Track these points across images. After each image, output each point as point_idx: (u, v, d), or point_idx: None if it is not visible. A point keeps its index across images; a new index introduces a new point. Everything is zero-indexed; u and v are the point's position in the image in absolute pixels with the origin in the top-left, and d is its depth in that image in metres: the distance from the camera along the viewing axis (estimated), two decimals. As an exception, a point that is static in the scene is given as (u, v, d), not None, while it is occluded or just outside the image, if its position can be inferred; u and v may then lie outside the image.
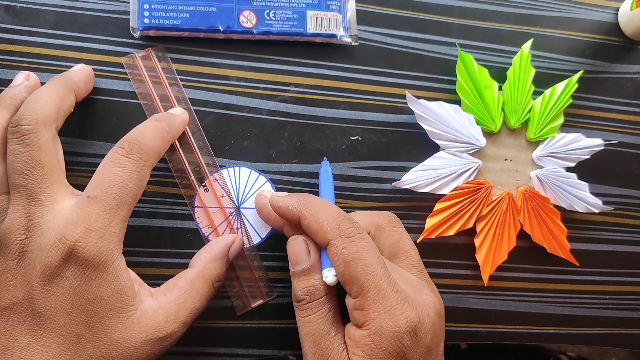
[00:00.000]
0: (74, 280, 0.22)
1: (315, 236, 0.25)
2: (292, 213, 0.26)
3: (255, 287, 0.31)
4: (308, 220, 0.25)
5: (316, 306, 0.25)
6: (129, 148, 0.24)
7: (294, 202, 0.26)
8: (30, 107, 0.24)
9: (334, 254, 0.24)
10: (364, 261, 0.24)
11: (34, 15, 0.30)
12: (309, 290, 0.25)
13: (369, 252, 0.24)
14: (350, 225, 0.25)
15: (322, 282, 0.25)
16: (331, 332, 0.25)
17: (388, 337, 0.23)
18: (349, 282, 0.24)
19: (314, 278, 0.26)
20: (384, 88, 0.34)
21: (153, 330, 0.24)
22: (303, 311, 0.26)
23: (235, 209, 0.31)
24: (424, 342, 0.24)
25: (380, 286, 0.23)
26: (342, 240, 0.24)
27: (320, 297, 0.25)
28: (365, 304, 0.23)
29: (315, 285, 0.25)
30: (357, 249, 0.24)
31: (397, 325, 0.23)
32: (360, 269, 0.24)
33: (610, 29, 0.38)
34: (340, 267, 0.24)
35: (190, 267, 0.28)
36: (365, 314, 0.23)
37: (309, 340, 0.25)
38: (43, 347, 0.22)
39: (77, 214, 0.23)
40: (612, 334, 0.37)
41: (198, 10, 0.31)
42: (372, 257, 0.24)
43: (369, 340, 0.23)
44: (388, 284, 0.24)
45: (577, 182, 0.35)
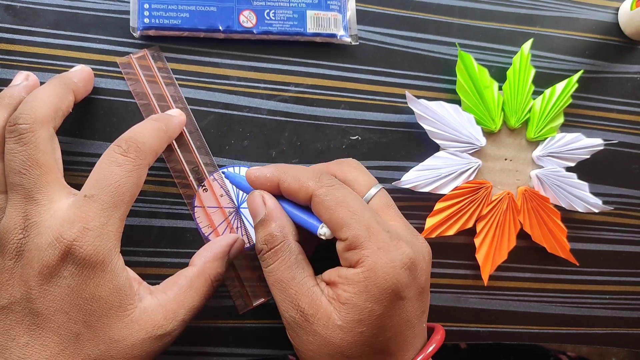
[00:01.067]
0: (71, 279, 0.22)
1: (298, 194, 0.25)
2: (270, 180, 0.26)
3: (257, 285, 0.31)
4: (288, 182, 0.25)
5: (274, 254, 0.25)
6: (125, 147, 0.24)
7: (271, 170, 0.26)
8: (28, 107, 0.24)
9: (318, 203, 0.24)
10: (348, 204, 0.24)
11: (34, 15, 0.30)
12: (266, 239, 0.25)
13: (352, 198, 0.24)
14: (329, 177, 0.25)
15: (279, 230, 0.25)
16: (296, 277, 0.24)
17: (383, 272, 0.23)
18: (338, 225, 0.24)
19: (270, 227, 0.25)
20: (384, 88, 0.34)
21: (152, 328, 0.24)
22: (264, 261, 0.26)
23: (234, 208, 0.31)
24: (418, 281, 0.24)
25: (370, 225, 0.24)
26: (324, 190, 0.25)
27: (277, 243, 0.25)
28: (357, 242, 0.23)
29: (271, 233, 0.25)
30: (340, 194, 0.24)
31: (392, 260, 0.23)
32: (346, 211, 0.24)
33: (610, 29, 0.38)
34: (327, 214, 0.24)
35: (190, 266, 0.28)
36: (358, 252, 0.23)
37: (275, 289, 0.25)
38: (41, 347, 0.22)
39: (74, 213, 0.23)
40: (612, 334, 0.37)
41: (198, 10, 0.31)
42: (357, 202, 0.24)
43: (363, 277, 0.23)
44: (377, 223, 0.24)
45: (577, 182, 0.35)
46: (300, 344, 0.25)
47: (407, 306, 0.24)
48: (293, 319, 0.24)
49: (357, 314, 0.23)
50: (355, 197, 0.25)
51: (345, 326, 0.23)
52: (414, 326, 0.25)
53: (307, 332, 0.24)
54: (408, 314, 0.24)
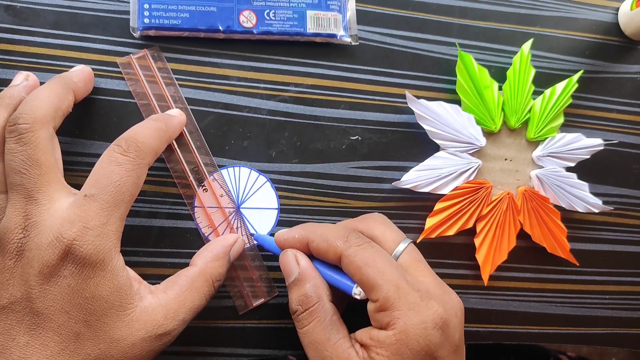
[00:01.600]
0: (71, 279, 0.22)
1: (327, 254, 0.26)
2: (299, 241, 0.27)
3: (257, 286, 0.31)
4: (317, 242, 0.26)
5: (310, 315, 0.25)
6: (125, 146, 0.24)
7: (299, 231, 0.27)
8: (28, 106, 0.24)
9: (347, 264, 0.24)
10: (377, 264, 0.24)
11: (34, 15, 0.30)
12: (301, 300, 0.25)
13: (380, 257, 0.24)
14: (357, 236, 0.25)
15: (314, 291, 0.25)
16: (331, 339, 0.24)
17: (415, 334, 0.23)
18: (367, 286, 0.24)
19: (305, 287, 0.26)
20: (384, 88, 0.34)
21: (152, 328, 0.24)
22: (299, 322, 0.26)
23: (235, 208, 0.31)
24: (452, 340, 0.24)
25: (400, 285, 0.23)
26: (353, 250, 0.25)
27: (312, 304, 0.25)
28: (388, 304, 0.23)
29: (306, 294, 0.25)
30: (368, 254, 0.24)
31: (423, 321, 0.23)
32: (375, 272, 0.24)
33: (610, 29, 0.38)
34: (357, 275, 0.24)
35: (191, 266, 0.28)
36: (389, 314, 0.23)
37: (310, 350, 0.25)
38: (42, 346, 0.22)
39: (74, 213, 0.23)
40: (612, 334, 0.37)
41: (198, 10, 0.31)
42: (385, 261, 0.24)
43: (395, 339, 0.23)
44: (406, 283, 0.24)
45: (577, 182, 0.35)
46: None
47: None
48: None
49: None
50: (384, 256, 0.25)
51: None
52: None
53: None
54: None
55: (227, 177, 0.31)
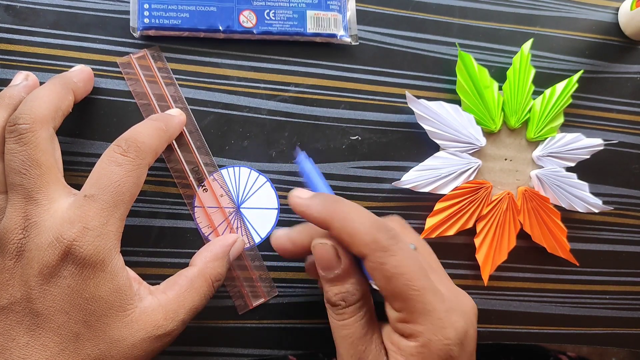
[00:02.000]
0: (71, 279, 0.22)
1: (350, 248, 0.24)
2: (318, 222, 0.24)
3: (257, 286, 0.31)
4: (338, 232, 0.23)
5: (352, 311, 0.24)
6: (125, 146, 0.24)
7: (319, 208, 0.24)
8: (27, 107, 0.24)
9: (372, 269, 0.23)
10: (405, 275, 0.22)
11: (34, 15, 0.30)
12: (344, 297, 0.24)
13: (410, 265, 0.23)
14: (387, 236, 0.23)
15: (357, 287, 0.24)
16: (368, 334, 0.24)
17: (437, 350, 0.22)
18: (392, 297, 0.23)
19: (348, 283, 0.24)
20: (384, 88, 0.34)
21: (152, 328, 0.24)
22: (339, 315, 0.25)
23: (235, 208, 0.31)
24: (468, 349, 0.24)
25: (426, 299, 0.23)
26: (379, 255, 0.23)
27: (355, 302, 0.24)
28: (411, 318, 0.23)
29: (351, 291, 0.24)
30: (397, 262, 0.22)
31: (447, 338, 0.22)
32: (403, 285, 0.22)
33: (610, 29, 0.38)
34: (381, 283, 0.23)
35: (190, 266, 0.28)
36: (412, 327, 0.23)
37: (345, 343, 0.24)
38: (42, 347, 0.22)
39: (74, 213, 0.23)
40: (612, 334, 0.37)
41: (198, 10, 0.31)
42: (415, 270, 0.23)
43: (416, 351, 0.23)
44: (433, 295, 0.23)
45: (577, 182, 0.35)
46: None
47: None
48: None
49: None
50: (412, 261, 0.23)
51: None
52: None
53: None
54: None
55: (227, 177, 0.31)
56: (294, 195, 0.25)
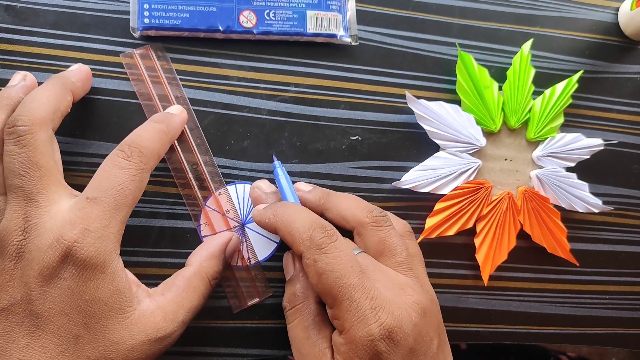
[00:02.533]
0: (71, 281, 0.22)
1: (291, 247, 0.25)
2: (270, 227, 0.26)
3: (252, 285, 0.31)
4: (282, 233, 0.25)
5: (294, 313, 0.26)
6: (129, 151, 0.24)
7: (269, 215, 0.26)
8: (26, 108, 0.24)
9: (306, 266, 0.24)
10: (335, 273, 0.23)
11: (34, 15, 0.30)
12: (290, 298, 0.26)
13: (341, 263, 0.24)
14: (322, 234, 0.24)
15: (302, 291, 0.26)
16: (311, 337, 0.25)
17: (362, 345, 0.23)
18: (323, 293, 0.24)
19: (295, 286, 0.27)
20: (384, 88, 0.34)
21: (152, 331, 0.24)
22: (287, 318, 0.27)
23: (240, 224, 0.31)
24: (404, 344, 0.24)
25: (353, 297, 0.23)
26: (313, 252, 0.24)
27: (298, 303, 0.26)
28: (340, 314, 0.24)
29: (294, 293, 0.26)
30: (329, 260, 0.24)
31: (370, 334, 0.23)
32: (332, 281, 0.23)
33: (610, 29, 0.38)
34: (313, 279, 0.24)
35: (187, 266, 0.28)
36: (341, 323, 0.24)
37: (293, 345, 0.26)
38: (41, 348, 0.22)
39: (75, 215, 0.23)
40: (612, 334, 0.37)
41: (198, 10, 0.31)
42: (345, 268, 0.24)
43: (346, 348, 0.23)
44: (362, 292, 0.23)
45: (577, 182, 0.35)
46: None
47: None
48: None
49: None
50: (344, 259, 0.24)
51: None
52: None
53: None
54: None
55: (234, 193, 0.31)
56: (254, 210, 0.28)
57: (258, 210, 0.28)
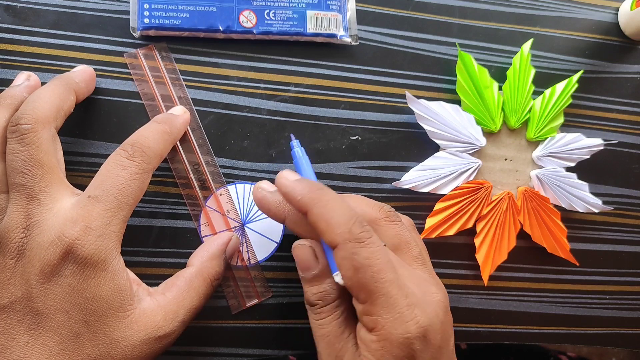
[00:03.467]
0: (72, 278, 0.22)
1: (323, 235, 0.24)
2: (299, 205, 0.25)
3: (251, 286, 0.31)
4: (316, 218, 0.24)
5: (329, 310, 0.25)
6: (131, 151, 0.25)
7: (304, 192, 0.24)
8: (29, 107, 0.24)
9: (342, 258, 0.23)
10: (373, 268, 0.23)
11: (34, 15, 0.30)
12: (322, 296, 0.25)
13: (379, 258, 0.23)
14: (362, 229, 0.24)
15: (334, 286, 0.25)
16: (345, 332, 0.25)
17: (398, 343, 0.23)
18: (357, 288, 0.23)
19: (326, 283, 0.25)
20: (384, 88, 0.34)
21: (152, 330, 0.24)
22: (317, 314, 0.25)
23: (240, 225, 0.31)
24: (434, 343, 0.24)
25: (390, 293, 0.23)
26: (351, 246, 0.23)
27: (332, 301, 0.25)
28: (374, 310, 0.23)
29: (328, 290, 0.25)
30: (367, 254, 0.23)
31: (407, 332, 0.23)
32: (370, 276, 0.23)
33: (610, 29, 0.38)
34: (349, 273, 0.23)
35: (188, 266, 0.28)
36: (375, 320, 0.23)
37: (323, 341, 0.25)
38: (42, 346, 0.22)
39: (77, 213, 0.23)
40: (612, 334, 0.37)
41: (198, 10, 0.31)
42: (383, 263, 0.23)
43: (379, 345, 0.23)
44: (398, 289, 0.23)
45: (577, 182, 0.35)
46: None
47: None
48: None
49: None
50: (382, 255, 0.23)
51: None
52: None
53: None
54: None
55: (234, 193, 0.31)
56: (282, 176, 0.26)
57: (289, 180, 0.25)
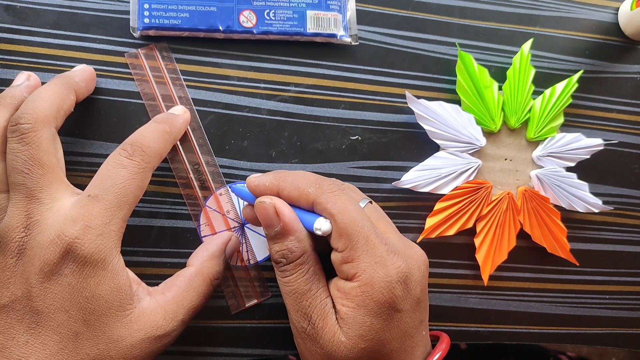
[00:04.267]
0: (72, 277, 0.22)
1: (299, 201, 0.25)
2: (270, 189, 0.26)
3: (250, 286, 0.31)
4: (288, 190, 0.25)
5: (293, 267, 0.25)
6: (131, 150, 0.25)
7: (270, 178, 0.26)
8: (29, 106, 0.24)
9: (321, 210, 0.24)
10: (350, 213, 0.24)
11: (34, 15, 0.30)
12: (284, 254, 0.25)
13: (353, 205, 0.24)
14: (330, 182, 0.25)
15: (297, 244, 0.25)
16: (312, 289, 0.25)
17: (380, 287, 0.23)
18: (337, 234, 0.24)
19: (288, 240, 0.25)
20: (384, 88, 0.34)
21: (151, 329, 0.24)
22: (281, 272, 0.25)
23: (239, 225, 0.31)
24: (413, 293, 0.24)
25: (369, 237, 0.24)
26: (326, 196, 0.24)
27: (296, 259, 0.25)
28: (355, 255, 0.23)
29: (290, 248, 0.25)
30: (342, 202, 0.24)
31: (388, 275, 0.23)
32: (347, 220, 0.24)
33: (610, 29, 0.38)
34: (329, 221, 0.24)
35: (188, 266, 0.28)
36: (355, 265, 0.23)
37: (289, 298, 0.25)
38: (41, 345, 0.22)
39: (77, 212, 0.23)
40: (612, 334, 0.37)
41: (198, 10, 0.31)
42: (357, 210, 0.24)
43: (360, 291, 0.23)
44: (376, 235, 0.24)
45: (577, 182, 0.35)
46: (307, 353, 0.25)
47: (404, 318, 0.24)
48: (304, 329, 0.25)
49: (358, 329, 0.23)
50: (356, 205, 0.25)
51: (348, 342, 0.23)
52: (412, 336, 0.25)
53: (315, 343, 0.24)
54: (406, 326, 0.24)
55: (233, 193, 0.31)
56: (249, 180, 0.27)
57: (254, 177, 0.27)
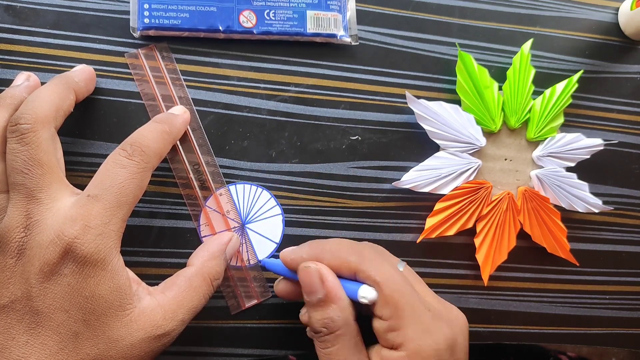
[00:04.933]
0: (72, 277, 0.22)
1: (340, 270, 0.25)
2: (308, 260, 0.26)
3: (250, 287, 0.31)
4: (328, 259, 0.25)
5: (334, 338, 0.24)
6: (130, 150, 0.25)
7: (306, 249, 0.26)
8: (29, 106, 0.24)
9: (365, 278, 0.24)
10: (395, 281, 0.24)
11: (34, 15, 0.30)
12: (326, 323, 0.24)
13: (396, 272, 0.24)
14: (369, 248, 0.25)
15: (339, 313, 0.24)
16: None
17: (428, 356, 0.23)
18: (383, 302, 0.24)
19: (330, 309, 0.24)
20: (384, 88, 0.34)
21: (151, 329, 0.24)
22: (322, 343, 0.25)
23: (240, 225, 0.31)
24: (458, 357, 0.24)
25: (414, 304, 0.23)
26: (368, 264, 0.24)
27: (338, 328, 0.24)
28: (401, 323, 0.23)
29: (332, 317, 0.24)
30: (386, 269, 0.24)
31: (436, 343, 0.23)
32: (394, 288, 0.23)
33: (610, 29, 0.38)
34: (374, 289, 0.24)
35: (188, 266, 0.28)
36: (402, 334, 0.23)
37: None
38: (41, 345, 0.22)
39: (76, 212, 0.23)
40: (612, 334, 0.37)
41: (198, 10, 0.31)
42: (400, 277, 0.24)
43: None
44: (420, 302, 0.24)
45: (577, 182, 0.35)
46: None
47: None
48: None
49: None
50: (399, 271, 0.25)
51: None
52: None
53: None
54: None
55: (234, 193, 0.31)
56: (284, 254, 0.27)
57: (289, 250, 0.27)
